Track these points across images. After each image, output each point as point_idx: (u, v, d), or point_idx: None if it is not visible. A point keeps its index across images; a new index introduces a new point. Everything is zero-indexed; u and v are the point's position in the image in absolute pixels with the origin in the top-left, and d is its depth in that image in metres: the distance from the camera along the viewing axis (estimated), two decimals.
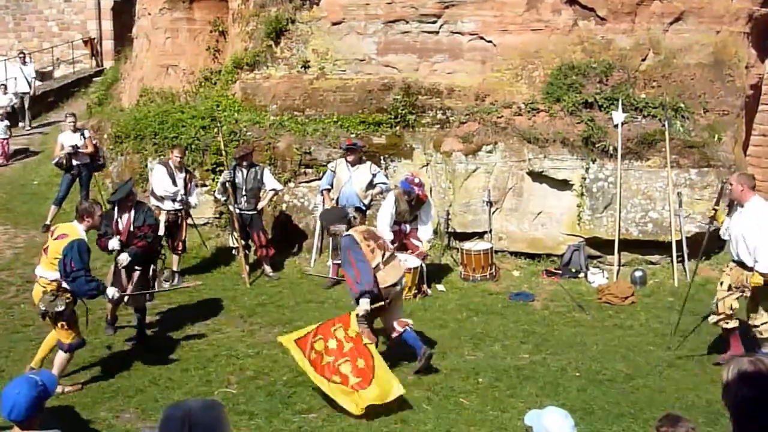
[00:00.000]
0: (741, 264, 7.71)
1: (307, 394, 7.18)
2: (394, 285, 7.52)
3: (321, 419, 6.72)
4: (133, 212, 8.36)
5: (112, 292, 7.53)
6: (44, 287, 7.14)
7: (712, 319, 8.06)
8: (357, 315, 7.25)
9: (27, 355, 7.96)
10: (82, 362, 7.81)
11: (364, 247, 7.37)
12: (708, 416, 6.68)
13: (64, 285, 7.10)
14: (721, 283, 8.00)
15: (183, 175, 10.62)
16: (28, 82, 20.13)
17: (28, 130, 20.10)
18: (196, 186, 11.24)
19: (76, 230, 7.22)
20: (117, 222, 8.34)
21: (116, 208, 8.38)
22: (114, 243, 8.27)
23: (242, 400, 7.04)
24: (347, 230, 7.57)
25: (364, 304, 7.26)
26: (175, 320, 9.25)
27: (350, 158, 10.62)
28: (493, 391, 7.33)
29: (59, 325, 7.15)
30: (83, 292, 7.18)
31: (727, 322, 7.95)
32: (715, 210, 8.31)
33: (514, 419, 6.69)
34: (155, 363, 7.89)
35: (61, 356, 7.24)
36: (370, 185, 10.66)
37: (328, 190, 10.81)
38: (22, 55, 20.95)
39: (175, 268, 10.73)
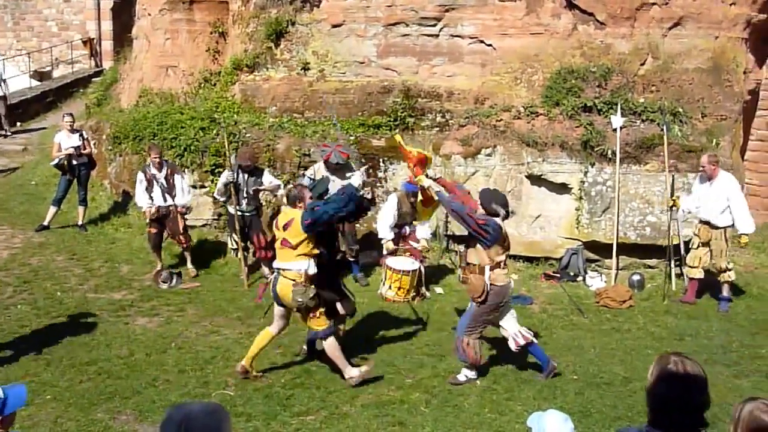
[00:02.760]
0: (708, 224, 9.96)
1: (306, 396, 7.18)
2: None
3: (319, 421, 6.72)
4: None
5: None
6: (293, 279, 7.21)
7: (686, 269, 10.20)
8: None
9: (24, 357, 7.94)
10: (79, 363, 7.80)
11: None
12: None
13: (310, 275, 7.23)
14: (694, 244, 10.15)
15: (163, 173, 10.81)
16: None
17: (5, 135, 19.26)
18: (190, 187, 11.38)
19: (297, 212, 7.28)
20: None
21: None
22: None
23: (240, 402, 7.04)
24: None
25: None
26: (172, 322, 9.24)
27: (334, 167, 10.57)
28: (491, 393, 7.33)
29: (311, 315, 7.29)
30: (345, 205, 7.18)
31: (692, 272, 10.10)
32: (674, 200, 10.32)
33: (512, 422, 6.70)
34: (153, 364, 7.89)
35: (328, 346, 7.36)
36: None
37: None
38: None
39: (189, 266, 11.08)
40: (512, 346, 7.59)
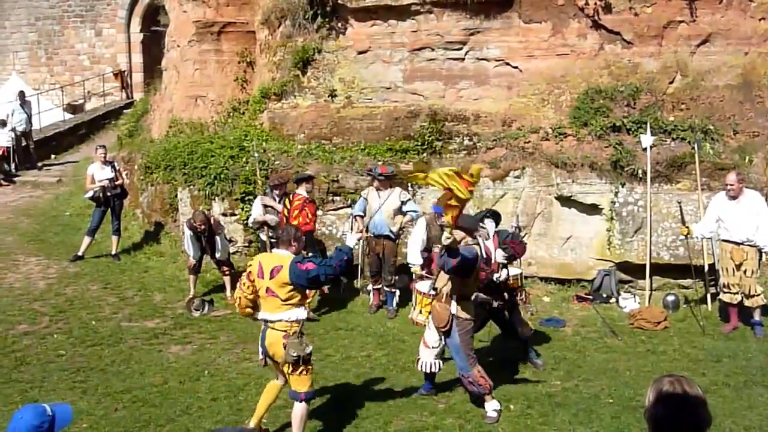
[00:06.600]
0: (740, 244, 9.50)
1: (338, 423, 7.15)
2: None
3: None
4: None
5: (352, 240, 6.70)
6: (284, 331, 6.34)
7: (724, 296, 9.75)
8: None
9: (60, 385, 8.03)
10: (114, 391, 7.86)
11: None
12: None
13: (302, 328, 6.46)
14: (726, 269, 9.64)
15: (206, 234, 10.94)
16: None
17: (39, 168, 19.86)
18: (228, 242, 11.53)
19: (285, 258, 6.38)
20: None
21: None
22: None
23: (272, 429, 7.03)
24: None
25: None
26: (205, 349, 9.28)
27: (380, 185, 10.62)
28: (525, 418, 7.24)
29: (299, 371, 6.40)
30: (337, 269, 6.28)
31: (734, 298, 9.65)
32: (688, 228, 9.82)
33: None
34: (186, 392, 7.92)
35: (300, 409, 6.46)
36: (399, 211, 10.65)
37: (361, 217, 10.81)
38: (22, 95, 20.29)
39: (228, 293, 11.10)
40: (420, 365, 7.64)
